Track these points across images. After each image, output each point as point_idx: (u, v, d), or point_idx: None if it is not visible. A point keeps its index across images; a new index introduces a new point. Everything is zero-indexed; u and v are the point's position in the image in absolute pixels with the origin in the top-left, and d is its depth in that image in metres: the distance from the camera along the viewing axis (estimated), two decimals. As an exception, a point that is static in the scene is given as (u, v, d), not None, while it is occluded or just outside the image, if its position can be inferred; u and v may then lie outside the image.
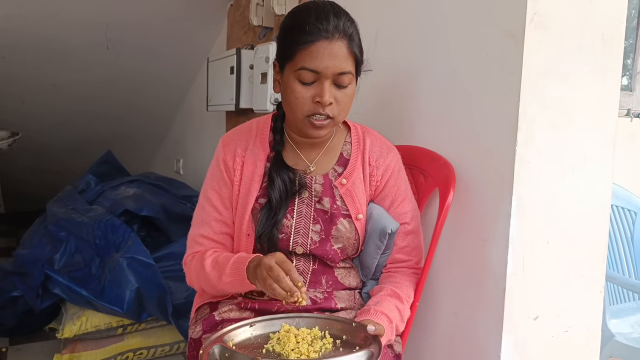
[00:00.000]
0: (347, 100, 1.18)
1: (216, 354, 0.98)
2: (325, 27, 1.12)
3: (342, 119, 1.21)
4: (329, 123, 1.18)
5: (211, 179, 1.31)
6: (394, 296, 1.20)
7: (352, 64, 1.16)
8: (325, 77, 1.13)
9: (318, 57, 1.12)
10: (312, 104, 1.15)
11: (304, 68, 1.13)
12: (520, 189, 1.19)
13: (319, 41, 1.12)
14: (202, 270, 1.23)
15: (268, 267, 1.04)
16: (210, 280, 1.21)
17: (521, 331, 1.24)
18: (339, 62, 1.13)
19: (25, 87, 3.23)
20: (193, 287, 1.32)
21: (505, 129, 1.20)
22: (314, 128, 1.18)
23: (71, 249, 2.41)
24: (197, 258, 1.25)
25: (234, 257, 1.18)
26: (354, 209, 1.25)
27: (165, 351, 2.34)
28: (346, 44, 1.14)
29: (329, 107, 1.15)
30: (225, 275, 1.17)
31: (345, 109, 1.19)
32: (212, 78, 2.85)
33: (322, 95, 1.13)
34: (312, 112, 1.16)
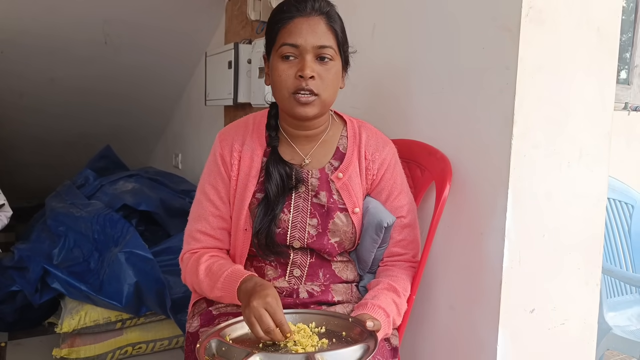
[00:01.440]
0: (331, 78, 1.18)
1: (213, 348, 0.99)
2: (303, 7, 1.17)
3: (329, 99, 1.20)
4: (315, 100, 1.18)
5: (208, 174, 1.31)
6: (391, 290, 1.20)
7: (332, 39, 1.18)
8: (306, 50, 1.16)
9: (296, 31, 1.16)
10: (295, 80, 1.16)
11: (284, 44, 1.17)
12: (516, 183, 1.19)
13: (296, 18, 1.17)
14: (195, 275, 1.23)
15: (258, 316, 0.99)
16: (203, 288, 1.22)
17: (518, 324, 1.25)
18: (317, 35, 1.16)
19: (23, 82, 3.22)
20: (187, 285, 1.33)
21: (501, 122, 1.20)
22: (300, 105, 1.18)
23: (70, 243, 2.42)
24: (193, 261, 1.25)
25: (227, 271, 1.17)
26: (350, 202, 1.26)
27: (164, 345, 2.35)
28: (324, 19, 1.18)
29: (312, 82, 1.16)
30: (217, 288, 1.17)
31: (330, 87, 1.19)
32: (210, 72, 2.85)
33: (304, 69, 1.15)
34: (296, 88, 1.17)
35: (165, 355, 2.35)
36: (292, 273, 1.26)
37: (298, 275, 1.27)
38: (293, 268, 1.26)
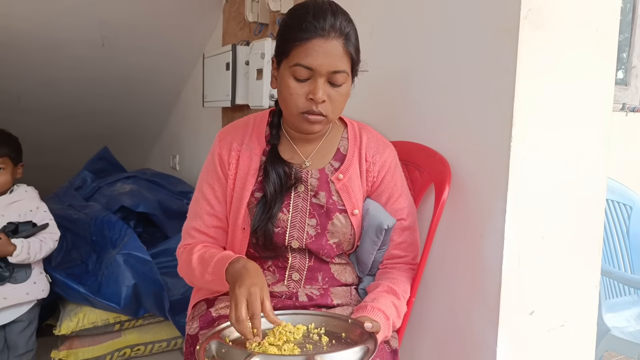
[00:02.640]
0: (340, 99, 1.18)
1: (213, 350, 0.99)
2: (322, 26, 1.12)
3: (336, 118, 1.22)
4: (323, 120, 1.18)
5: (206, 173, 1.32)
6: (391, 292, 1.20)
7: (347, 63, 1.16)
8: (319, 74, 1.13)
9: (313, 54, 1.12)
10: (306, 101, 1.15)
11: (299, 64, 1.13)
12: (515, 185, 1.19)
13: (314, 39, 1.12)
14: (189, 265, 1.24)
15: (236, 303, 0.99)
16: (196, 276, 1.23)
17: (517, 326, 1.25)
18: (333, 60, 1.13)
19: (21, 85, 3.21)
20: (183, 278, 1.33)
21: (500, 124, 1.20)
22: (308, 123, 1.18)
23: (68, 245, 2.41)
24: (187, 252, 1.27)
25: (217, 256, 1.18)
26: (350, 204, 1.26)
27: (163, 347, 2.34)
28: (342, 42, 1.13)
29: (322, 105, 1.15)
30: (208, 273, 1.18)
31: (339, 108, 1.20)
32: (207, 74, 2.84)
33: (315, 92, 1.14)
34: (305, 109, 1.16)
35: (163, 357, 2.35)
36: (291, 277, 1.26)
37: (297, 279, 1.26)
38: (292, 272, 1.26)
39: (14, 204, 1.99)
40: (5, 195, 2.01)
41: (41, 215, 2.04)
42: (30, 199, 2.05)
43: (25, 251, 1.90)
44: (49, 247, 2.00)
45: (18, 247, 1.88)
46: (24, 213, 2.00)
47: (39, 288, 2.02)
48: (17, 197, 2.02)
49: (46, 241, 1.99)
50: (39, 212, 2.05)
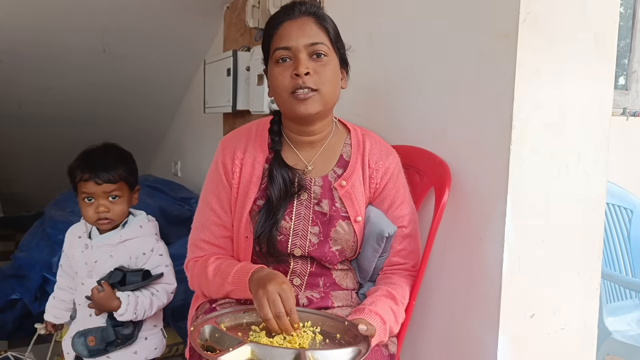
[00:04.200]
0: (327, 73, 1.18)
1: (206, 333, 0.99)
2: (290, 11, 1.20)
3: (329, 94, 1.20)
4: (314, 96, 1.18)
5: (210, 183, 1.31)
6: (389, 297, 1.20)
7: (324, 36, 1.19)
8: (298, 50, 1.17)
9: (286, 34, 1.18)
10: (292, 79, 1.17)
11: (277, 48, 1.19)
12: (515, 188, 1.20)
13: (286, 22, 1.19)
14: (204, 277, 1.24)
15: (272, 300, 1.02)
16: (213, 287, 1.23)
17: (517, 329, 1.25)
18: (307, 34, 1.17)
19: (22, 91, 3.23)
20: (195, 290, 1.33)
21: (499, 128, 1.21)
22: (300, 102, 1.18)
23: (69, 252, 2.41)
24: (200, 264, 1.26)
25: (237, 267, 1.19)
26: (353, 211, 1.26)
27: (164, 353, 2.34)
28: (313, 19, 1.19)
29: (308, 79, 1.16)
30: (227, 283, 1.18)
31: (329, 82, 1.19)
32: (208, 80, 2.85)
33: (298, 66, 1.16)
34: (293, 87, 1.17)
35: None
36: (292, 282, 1.26)
37: (298, 284, 1.27)
38: (293, 277, 1.26)
39: (124, 242, 1.60)
40: (116, 230, 1.62)
41: (155, 260, 1.63)
42: (145, 238, 1.63)
43: (132, 310, 1.53)
44: (162, 302, 1.62)
45: (123, 303, 1.51)
46: (135, 256, 1.60)
47: (151, 346, 1.68)
48: (130, 234, 1.61)
49: (159, 295, 1.61)
50: (154, 255, 1.62)
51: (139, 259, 1.60)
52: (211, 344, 0.98)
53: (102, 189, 1.55)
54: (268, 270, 1.13)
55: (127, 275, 1.56)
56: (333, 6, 1.79)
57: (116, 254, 1.58)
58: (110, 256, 1.58)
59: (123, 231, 1.61)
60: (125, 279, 1.56)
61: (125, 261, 1.59)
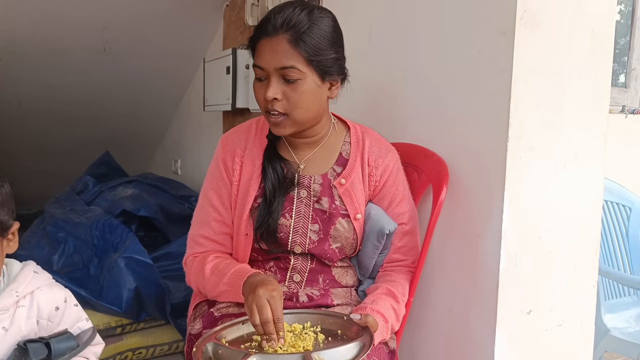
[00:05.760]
0: (297, 97, 1.15)
1: (210, 351, 0.99)
2: (265, 27, 1.15)
3: (302, 117, 1.18)
4: (284, 120, 1.17)
5: (211, 179, 1.32)
6: (390, 295, 1.21)
7: (297, 57, 1.13)
8: (270, 72, 1.15)
9: (261, 53, 1.16)
10: (264, 101, 1.16)
11: (254, 65, 1.17)
12: (512, 185, 1.20)
13: (262, 39, 1.15)
14: (201, 274, 1.24)
15: (260, 305, 1.01)
16: (208, 285, 1.23)
17: (514, 326, 1.25)
18: (278, 56, 1.13)
19: (22, 89, 3.23)
20: (191, 287, 1.34)
21: (496, 125, 1.21)
22: (272, 125, 1.19)
23: (69, 249, 2.42)
24: (199, 261, 1.26)
25: (235, 268, 1.18)
26: (352, 208, 1.26)
27: (164, 350, 2.35)
28: (287, 37, 1.12)
29: (277, 104, 1.15)
30: (223, 283, 1.18)
31: (299, 105, 1.16)
32: (208, 78, 2.86)
33: (266, 91, 1.15)
34: (265, 109, 1.18)
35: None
36: (292, 278, 1.27)
37: (298, 280, 1.27)
38: (293, 273, 1.27)
39: (24, 301, 1.05)
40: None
41: (73, 314, 1.12)
42: (51, 286, 1.10)
43: None
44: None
45: None
46: (46, 317, 1.07)
47: None
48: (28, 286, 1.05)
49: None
50: (69, 307, 1.10)
51: (51, 318, 1.06)
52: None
53: None
54: (263, 276, 1.13)
55: (52, 344, 1.02)
56: (332, 3, 1.79)
57: (15, 321, 1.02)
58: (3, 330, 1.00)
59: (15, 285, 1.03)
60: (50, 352, 1.02)
61: (30, 329, 1.04)
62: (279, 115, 1.16)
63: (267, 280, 1.07)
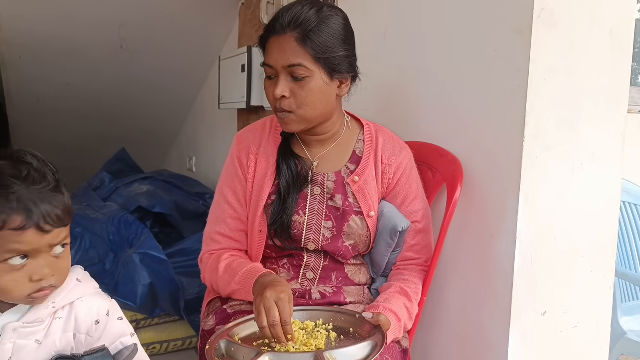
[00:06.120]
0: (305, 94, 1.16)
1: (222, 348, 1.00)
2: (273, 26, 1.16)
3: (310, 114, 1.18)
4: (292, 118, 1.18)
5: (226, 177, 1.33)
6: (403, 294, 1.21)
7: (305, 55, 1.14)
8: (278, 70, 1.16)
9: (270, 51, 1.17)
10: (273, 99, 1.18)
11: (264, 64, 1.19)
12: (527, 185, 1.19)
13: (271, 37, 1.17)
14: (215, 272, 1.25)
15: (268, 307, 1.01)
16: (221, 284, 1.24)
17: (529, 327, 1.24)
18: (286, 54, 1.14)
19: (40, 87, 3.28)
20: (206, 284, 1.35)
21: (512, 124, 1.20)
22: (281, 122, 1.21)
23: (86, 244, 2.45)
24: (214, 259, 1.28)
25: (247, 267, 1.19)
26: (366, 206, 1.26)
27: (178, 346, 2.37)
28: (295, 35, 1.14)
29: (284, 102, 1.16)
30: (234, 282, 1.19)
31: (307, 103, 1.17)
32: (223, 76, 2.87)
33: (274, 89, 1.16)
34: (274, 107, 1.19)
35: (179, 355, 2.37)
36: (305, 275, 1.27)
37: (311, 277, 1.28)
38: (306, 270, 1.27)
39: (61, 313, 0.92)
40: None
41: (117, 328, 0.97)
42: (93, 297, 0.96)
43: None
44: None
45: None
46: (84, 331, 0.93)
47: None
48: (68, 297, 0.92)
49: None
50: (112, 321, 0.96)
51: (90, 332, 0.94)
52: (229, 358, 0.99)
53: (48, 240, 0.83)
54: (274, 276, 1.13)
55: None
56: (347, 2, 1.79)
57: (51, 334, 0.91)
58: (36, 343, 0.90)
59: (52, 295, 0.90)
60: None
61: (67, 344, 0.92)
62: (287, 113, 1.17)
63: (277, 281, 1.08)
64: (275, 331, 0.99)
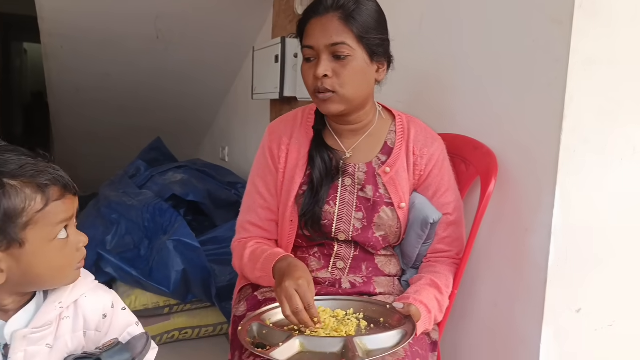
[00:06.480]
0: (348, 73, 1.16)
1: (254, 331, 1.02)
2: (316, 8, 1.17)
3: (351, 94, 1.19)
4: (333, 97, 1.18)
5: (257, 167, 1.35)
6: (433, 286, 1.20)
7: (347, 34, 1.15)
8: (320, 51, 1.16)
9: (311, 33, 1.18)
10: (314, 80, 1.18)
11: (303, 46, 1.19)
12: (564, 179, 1.17)
13: (312, 19, 1.18)
14: (241, 260, 1.28)
15: (288, 296, 1.02)
16: (247, 270, 1.27)
17: (563, 323, 1.22)
18: (329, 33, 1.15)
19: (80, 77, 3.36)
20: (236, 271, 1.37)
21: (550, 117, 1.18)
22: (321, 102, 1.20)
23: (122, 230, 2.51)
24: (240, 246, 1.31)
25: (267, 253, 1.21)
26: (396, 197, 1.26)
27: (209, 331, 2.41)
28: (338, 15, 1.15)
29: (327, 81, 1.16)
30: (257, 269, 1.22)
31: (350, 83, 1.17)
32: (257, 67, 2.89)
33: (316, 68, 1.16)
34: (315, 88, 1.18)
35: (209, 341, 2.42)
36: (335, 265, 1.28)
37: (341, 267, 1.28)
38: (336, 260, 1.28)
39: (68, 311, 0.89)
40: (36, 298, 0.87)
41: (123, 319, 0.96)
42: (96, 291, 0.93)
43: None
44: None
45: None
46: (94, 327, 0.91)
47: None
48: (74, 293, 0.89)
49: None
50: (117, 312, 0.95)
51: (99, 327, 0.91)
52: (260, 340, 1.01)
53: (75, 205, 0.87)
54: (289, 260, 1.14)
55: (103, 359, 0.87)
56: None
57: (60, 336, 0.87)
58: (47, 347, 0.85)
59: (56, 296, 0.87)
60: None
61: (78, 343, 0.89)
62: (329, 93, 1.18)
63: (293, 267, 1.09)
64: (300, 317, 1.01)
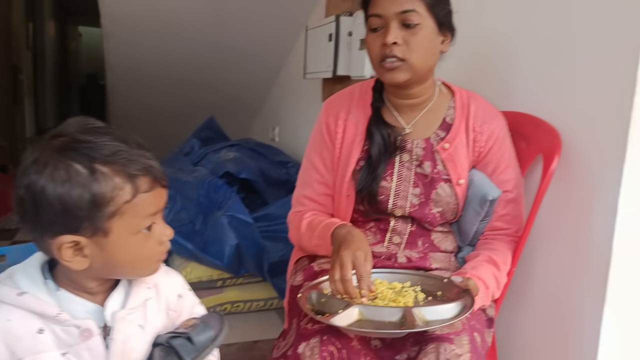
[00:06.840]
0: (417, 41, 1.16)
1: (313, 299, 1.04)
2: None
3: (419, 63, 1.18)
4: (402, 65, 1.17)
5: (314, 142, 1.36)
6: (491, 263, 1.19)
7: (417, 3, 1.14)
8: (389, 18, 1.15)
9: (379, 1, 1.17)
10: (381, 49, 1.17)
11: (370, 15, 1.19)
12: (633, 156, 1.12)
13: None
14: (299, 231, 1.30)
15: (341, 264, 1.03)
16: (304, 240, 1.29)
17: (626, 307, 1.19)
18: (398, 1, 1.14)
19: (137, 55, 3.45)
20: (292, 243, 1.40)
21: (620, 92, 1.13)
22: (387, 71, 1.19)
23: (178, 206, 2.59)
24: (297, 218, 1.33)
25: (324, 222, 1.23)
26: (455, 174, 1.25)
27: (260, 306, 2.47)
28: None
29: (396, 49, 1.16)
30: (315, 237, 1.24)
31: (418, 51, 1.17)
32: (310, 46, 2.89)
33: (386, 35, 1.15)
34: (382, 57, 1.18)
35: (260, 315, 2.47)
36: (392, 240, 1.29)
37: (397, 242, 1.29)
38: (393, 235, 1.29)
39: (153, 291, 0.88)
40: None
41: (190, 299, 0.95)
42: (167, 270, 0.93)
43: None
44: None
45: None
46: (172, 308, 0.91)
47: None
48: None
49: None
50: (185, 292, 0.94)
51: (176, 308, 0.92)
52: (319, 308, 1.03)
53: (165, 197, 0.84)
54: (348, 228, 1.15)
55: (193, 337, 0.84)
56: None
57: (149, 317, 0.86)
58: (140, 327, 0.84)
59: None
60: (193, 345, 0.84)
61: (163, 324, 0.89)
62: (396, 61, 1.17)
63: (351, 237, 1.10)
64: (345, 286, 1.02)
